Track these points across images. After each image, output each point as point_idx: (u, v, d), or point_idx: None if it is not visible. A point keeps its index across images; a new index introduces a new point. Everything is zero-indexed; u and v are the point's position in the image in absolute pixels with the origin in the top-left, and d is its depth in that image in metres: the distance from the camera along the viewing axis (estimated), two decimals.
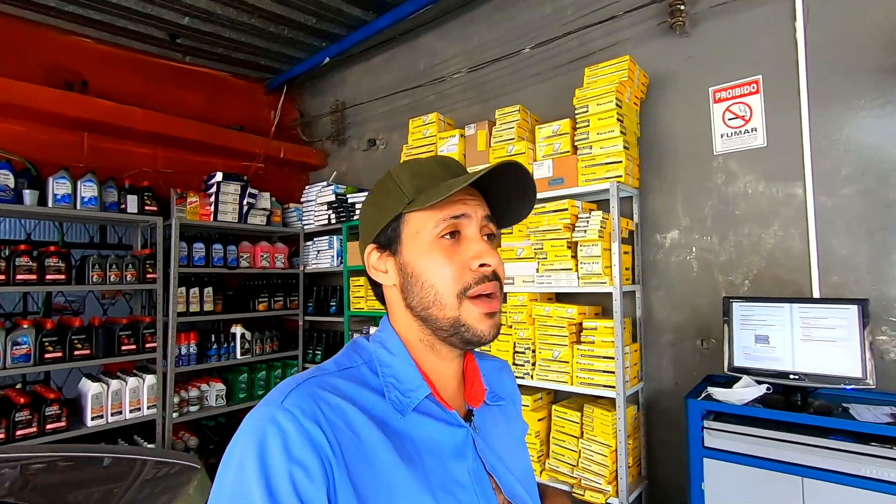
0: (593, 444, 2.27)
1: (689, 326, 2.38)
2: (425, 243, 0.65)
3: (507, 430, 0.77)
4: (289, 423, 0.55)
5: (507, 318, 2.58)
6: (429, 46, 3.46)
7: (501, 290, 0.68)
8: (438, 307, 0.64)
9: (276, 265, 3.74)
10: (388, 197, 0.69)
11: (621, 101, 2.23)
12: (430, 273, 0.65)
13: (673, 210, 2.42)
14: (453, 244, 0.66)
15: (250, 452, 0.53)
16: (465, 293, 0.64)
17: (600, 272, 2.23)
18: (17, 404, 2.52)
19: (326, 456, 0.55)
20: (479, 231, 0.67)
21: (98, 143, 3.23)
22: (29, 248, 2.62)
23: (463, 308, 0.64)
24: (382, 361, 0.67)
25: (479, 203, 0.69)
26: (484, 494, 0.64)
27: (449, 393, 0.70)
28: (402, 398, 0.64)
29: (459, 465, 0.64)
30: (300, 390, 0.59)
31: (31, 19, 2.99)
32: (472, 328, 0.64)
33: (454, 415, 0.67)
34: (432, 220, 0.66)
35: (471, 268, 0.65)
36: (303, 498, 0.52)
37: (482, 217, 0.68)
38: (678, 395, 2.39)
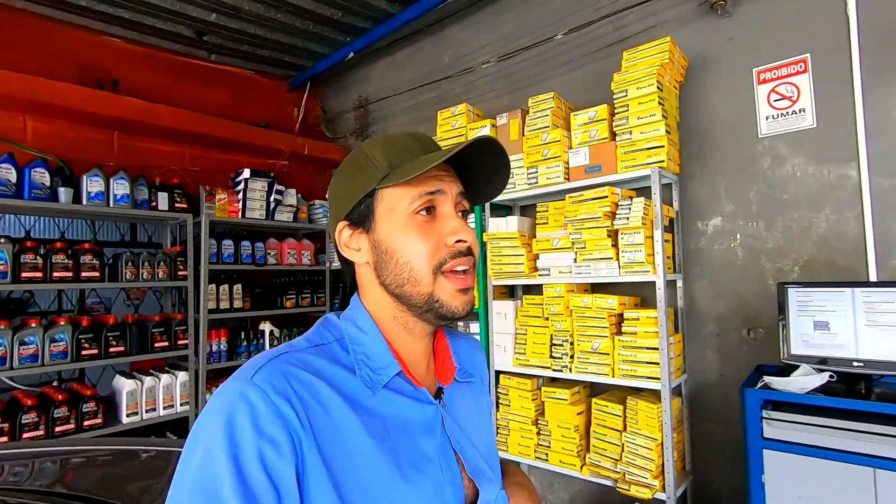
0: (638, 438, 2.21)
1: (735, 316, 2.30)
2: (400, 219, 0.65)
3: (476, 406, 0.78)
4: (259, 398, 0.54)
5: (544, 309, 2.53)
6: (455, 38, 3.42)
7: (475, 266, 0.69)
8: (413, 284, 0.64)
9: (303, 262, 3.73)
10: (361, 173, 0.68)
11: (662, 85, 2.17)
12: (406, 249, 0.64)
13: (715, 196, 2.35)
14: (428, 220, 0.65)
15: (219, 428, 0.53)
16: (441, 269, 0.64)
17: (643, 260, 2.17)
18: (55, 401, 2.53)
19: (296, 432, 0.54)
20: (454, 207, 0.67)
21: (127, 141, 3.26)
22: (65, 246, 2.64)
23: (437, 284, 0.64)
24: (353, 339, 0.67)
25: (454, 179, 0.69)
26: (450, 470, 0.66)
27: (419, 371, 0.71)
28: (373, 375, 0.64)
29: (428, 442, 0.65)
30: (271, 366, 0.58)
31: (63, 19, 3.02)
32: (446, 304, 0.65)
33: (424, 392, 0.67)
34: (408, 196, 0.65)
35: (446, 243, 0.65)
36: (271, 474, 0.52)
37: (457, 194, 0.68)
38: (724, 387, 2.32)
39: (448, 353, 0.77)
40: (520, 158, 2.60)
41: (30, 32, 2.97)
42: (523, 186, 2.60)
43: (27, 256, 2.50)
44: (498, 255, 2.68)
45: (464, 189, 0.71)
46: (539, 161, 2.51)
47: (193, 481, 0.51)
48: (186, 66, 3.66)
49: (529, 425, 2.60)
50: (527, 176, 2.57)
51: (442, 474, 0.64)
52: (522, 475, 0.84)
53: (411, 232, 0.64)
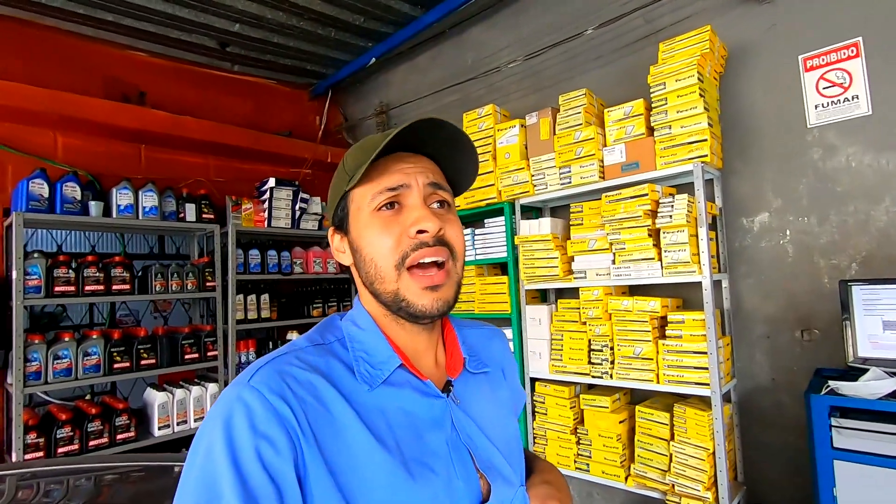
0: (687, 447, 2.09)
1: (786, 317, 2.18)
2: (365, 217, 0.65)
3: (492, 398, 0.75)
4: (254, 399, 0.55)
5: (581, 314, 2.44)
6: (477, 39, 3.37)
7: (454, 259, 0.66)
8: (380, 281, 0.63)
9: (329, 270, 3.70)
10: (338, 178, 0.69)
11: (703, 76, 2.08)
12: (370, 247, 0.64)
13: (761, 191, 2.24)
14: (392, 215, 0.64)
15: (217, 430, 0.53)
16: (403, 263, 0.62)
17: (688, 260, 2.07)
18: (89, 415, 2.53)
19: (293, 429, 0.54)
20: (421, 199, 0.64)
21: (154, 154, 3.27)
22: (96, 260, 2.64)
23: (401, 281, 0.62)
24: (352, 336, 0.67)
25: (423, 170, 0.66)
26: (462, 463, 0.63)
27: (425, 364, 0.69)
28: (373, 370, 0.63)
29: (437, 436, 0.63)
30: (268, 367, 0.59)
31: (90, 35, 3.06)
32: (413, 304, 0.62)
33: (430, 385, 0.65)
34: (370, 193, 0.64)
35: (409, 235, 0.63)
36: (270, 471, 0.52)
37: (424, 185, 0.65)
38: (776, 391, 2.19)
39: (456, 345, 0.74)
40: (551, 158, 2.52)
41: (58, 49, 3.01)
42: (556, 187, 2.52)
43: (60, 271, 2.51)
44: (530, 258, 2.60)
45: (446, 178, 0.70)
46: (572, 160, 2.43)
47: (196, 484, 0.52)
48: (210, 77, 3.68)
49: (568, 434, 2.50)
50: (559, 176, 2.49)
51: (454, 470, 0.62)
52: (553, 472, 0.79)
53: (374, 228, 0.64)
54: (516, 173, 2.65)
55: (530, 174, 2.61)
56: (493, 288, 2.78)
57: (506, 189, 2.70)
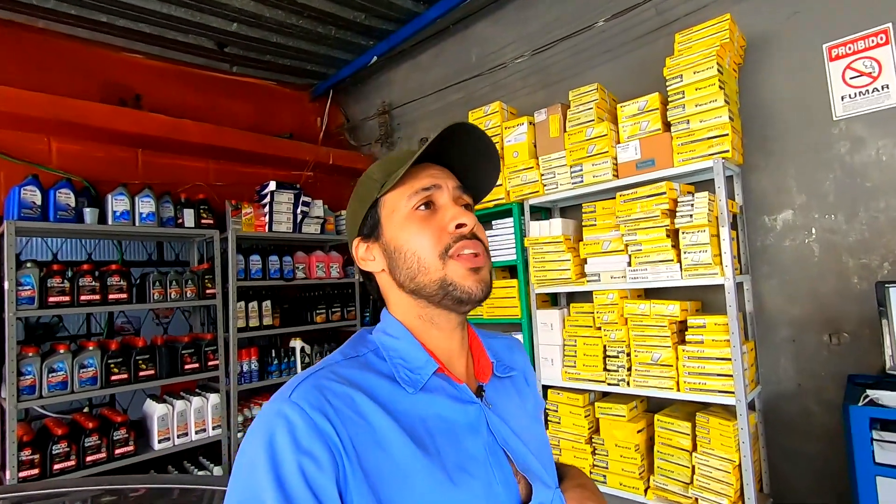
0: (711, 459, 1.99)
1: (812, 319, 2.07)
2: (402, 218, 0.67)
3: (520, 403, 0.77)
4: (296, 415, 0.55)
5: (595, 318, 2.33)
6: (481, 35, 3.27)
7: (487, 253, 0.69)
8: (424, 272, 0.65)
9: (332, 275, 3.61)
10: (364, 189, 0.72)
11: (722, 67, 1.97)
12: (411, 242, 0.66)
13: (784, 188, 2.13)
14: (429, 214, 0.67)
15: (260, 447, 0.54)
16: (447, 253, 0.65)
17: (709, 261, 1.96)
18: (86, 429, 2.44)
19: (335, 445, 0.55)
20: (452, 200, 0.69)
21: (152, 158, 3.19)
22: (91, 268, 2.56)
23: (448, 267, 0.65)
24: (387, 346, 0.68)
25: (449, 175, 0.71)
26: (500, 467, 0.64)
27: (458, 368, 0.71)
28: (412, 375, 0.64)
29: (475, 441, 0.64)
30: (307, 383, 0.60)
31: (84, 37, 2.98)
32: (460, 285, 0.65)
33: (465, 388, 0.67)
34: (405, 195, 0.68)
35: (448, 230, 0.66)
36: (313, 487, 0.52)
37: (453, 187, 0.70)
38: (802, 398, 2.09)
39: (482, 350, 0.77)
40: (562, 156, 2.42)
41: (53, 52, 2.93)
42: (566, 186, 2.41)
43: (54, 280, 2.42)
44: (541, 261, 2.49)
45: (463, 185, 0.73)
46: (584, 158, 2.33)
47: (240, 500, 0.52)
48: (209, 79, 3.60)
49: (583, 444, 2.40)
50: (570, 175, 2.39)
51: (493, 474, 0.63)
52: (583, 476, 0.80)
53: (413, 226, 0.67)
54: (525, 173, 2.55)
55: (540, 173, 2.51)
56: (503, 292, 2.68)
57: (514, 189, 2.60)
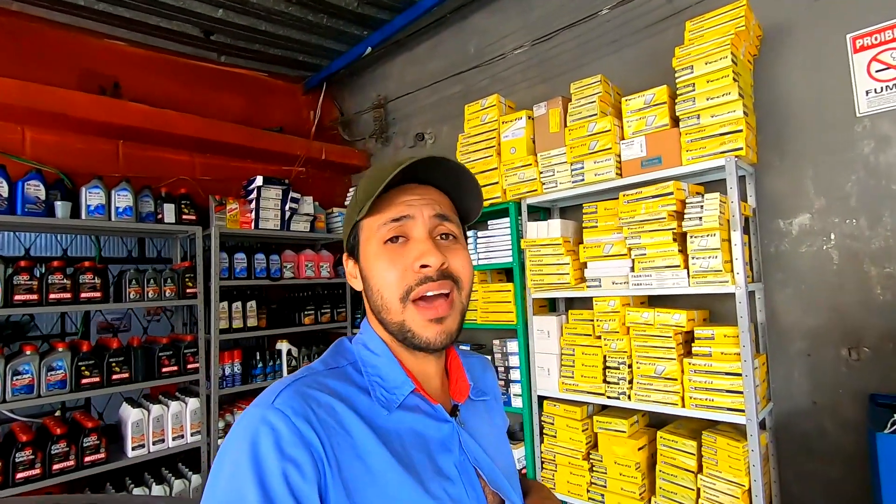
0: (718, 482, 1.84)
1: (830, 332, 1.91)
2: (373, 249, 0.66)
3: (490, 423, 0.78)
4: (280, 421, 0.55)
5: (595, 326, 2.18)
6: (480, 26, 3.12)
7: (459, 287, 0.67)
8: (386, 311, 0.65)
9: (322, 275, 3.46)
10: (351, 205, 0.71)
11: (737, 58, 1.82)
12: (377, 278, 0.65)
13: (800, 189, 1.97)
14: (398, 248, 0.65)
15: (243, 452, 0.53)
16: (409, 296, 0.64)
17: (719, 268, 1.81)
18: (53, 435, 2.30)
19: (318, 453, 0.55)
20: (426, 231, 0.66)
21: (134, 151, 3.05)
22: (62, 265, 2.42)
23: (407, 313, 0.64)
24: (366, 361, 0.68)
25: (429, 202, 0.67)
26: (471, 485, 0.65)
27: (433, 388, 0.71)
28: (388, 395, 0.64)
29: (446, 459, 0.65)
30: (290, 390, 0.59)
31: (61, 22, 2.83)
32: (417, 335, 0.64)
33: (440, 409, 0.67)
34: (377, 224, 0.66)
35: (413, 269, 0.64)
36: (297, 495, 0.52)
37: (430, 217, 0.66)
38: (817, 416, 1.93)
39: (461, 371, 0.76)
40: (562, 153, 2.27)
41: (26, 37, 2.78)
42: (566, 185, 2.26)
43: (21, 277, 2.28)
44: (538, 264, 2.34)
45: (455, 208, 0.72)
46: (585, 155, 2.18)
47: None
48: (196, 69, 3.45)
49: (580, 460, 2.25)
50: (570, 173, 2.24)
51: (464, 491, 0.64)
52: (545, 489, 0.83)
53: (381, 260, 0.65)
54: (523, 170, 2.40)
55: (538, 171, 2.36)
56: (498, 296, 2.53)
57: (511, 188, 2.45)
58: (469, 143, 2.63)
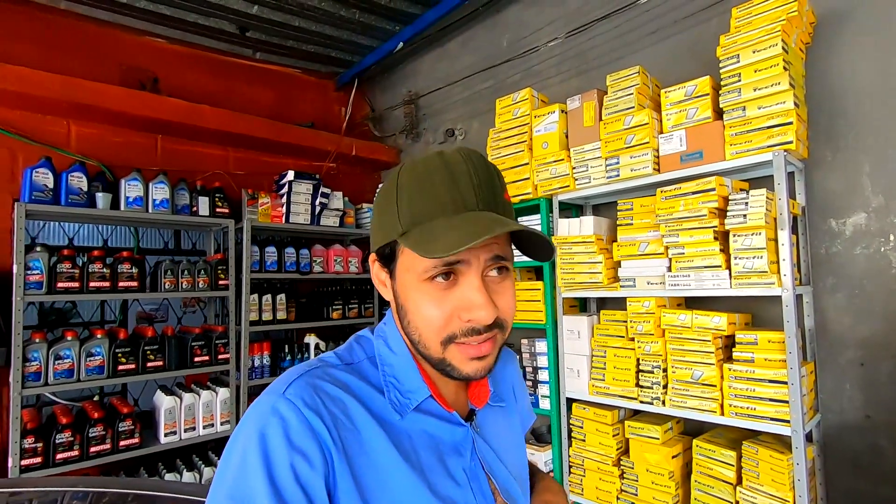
0: (759, 496, 1.73)
1: (887, 341, 1.78)
2: (415, 282, 0.60)
3: (508, 425, 0.77)
4: (290, 412, 0.55)
5: (629, 327, 2.10)
6: (514, 19, 3.06)
7: (503, 332, 0.62)
8: (423, 346, 0.61)
9: (350, 270, 3.48)
10: (387, 214, 0.62)
11: (787, 46, 1.70)
12: (417, 315, 0.61)
13: (856, 187, 1.84)
14: (447, 286, 0.59)
15: (252, 441, 0.53)
16: (451, 341, 0.59)
17: (764, 269, 1.70)
18: (91, 418, 2.38)
19: (327, 445, 0.55)
20: (479, 275, 0.59)
21: (171, 145, 3.13)
22: (102, 255, 2.50)
23: (447, 352, 0.60)
24: (384, 359, 0.66)
25: (488, 242, 0.59)
26: (481, 493, 0.64)
27: (450, 392, 0.69)
28: (402, 399, 0.63)
29: (455, 462, 0.64)
30: (302, 381, 0.59)
31: (104, 19, 2.92)
32: (458, 369, 0.61)
33: (455, 416, 0.66)
34: (424, 261, 0.58)
35: (460, 317, 0.59)
36: (304, 486, 0.52)
37: (486, 259, 0.59)
38: (871, 432, 1.80)
39: None
40: (596, 147, 2.19)
41: (73, 35, 2.89)
42: (600, 180, 2.19)
43: (64, 265, 2.37)
44: (569, 262, 2.27)
45: (511, 241, 0.64)
46: (621, 150, 2.10)
47: (229, 494, 0.52)
48: (231, 65, 3.52)
49: (610, 466, 2.17)
50: (605, 168, 2.16)
51: (472, 497, 0.63)
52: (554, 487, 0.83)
53: (424, 298, 0.60)
54: (555, 165, 2.34)
55: (571, 166, 2.29)
56: (526, 295, 2.47)
57: (542, 183, 2.39)
58: (500, 137, 2.58)
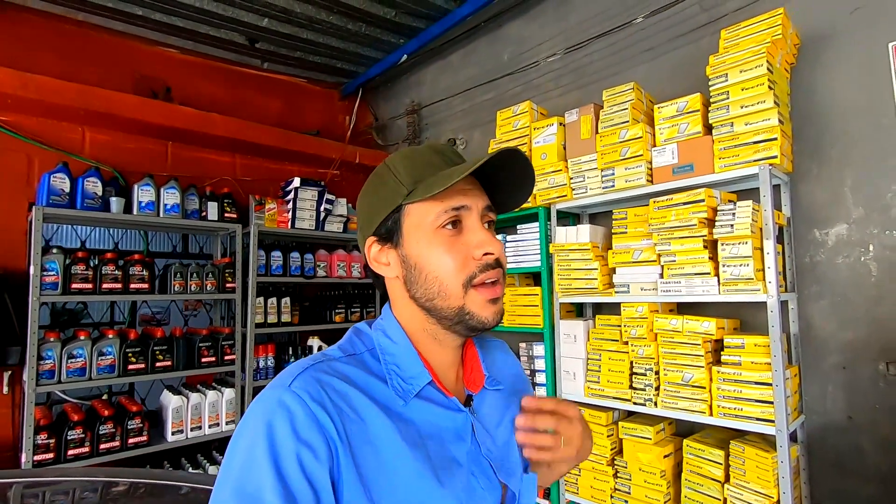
0: (745, 493, 1.82)
1: (867, 346, 1.87)
2: (427, 235, 0.65)
3: (507, 408, 0.77)
4: (296, 404, 0.56)
5: (622, 332, 2.19)
6: (514, 34, 3.17)
7: (504, 276, 0.69)
8: (443, 298, 0.65)
9: (353, 274, 3.56)
10: (386, 188, 0.68)
11: (772, 66, 1.81)
12: (434, 265, 0.65)
13: (838, 198, 1.94)
14: (455, 234, 0.66)
15: (259, 433, 0.55)
16: (471, 282, 0.64)
17: (751, 276, 1.80)
18: (101, 416, 2.45)
19: (332, 438, 0.56)
20: (479, 220, 0.67)
21: (181, 151, 3.22)
22: (115, 257, 2.58)
23: (468, 297, 0.64)
24: (384, 349, 0.68)
25: (479, 193, 0.69)
26: (484, 475, 0.67)
27: (449, 379, 0.71)
28: (405, 385, 0.65)
29: (459, 448, 0.66)
30: (307, 374, 0.60)
31: (119, 30, 3.03)
32: (477, 315, 0.65)
33: (454, 401, 0.68)
34: (433, 211, 0.65)
35: (474, 257, 0.65)
36: (310, 478, 0.54)
37: (482, 208, 0.68)
38: (853, 432, 1.89)
39: (477, 361, 0.77)
40: (593, 159, 2.29)
41: (89, 45, 2.99)
42: (597, 190, 2.28)
43: (78, 267, 2.45)
44: (566, 268, 2.37)
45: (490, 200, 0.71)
46: (616, 161, 2.20)
47: (235, 485, 0.53)
48: (240, 75, 3.63)
49: (604, 465, 2.25)
50: (601, 178, 2.26)
51: (475, 480, 0.66)
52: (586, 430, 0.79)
53: (439, 247, 0.65)
54: (553, 175, 2.44)
55: (568, 176, 2.39)
56: (525, 300, 2.56)
57: (541, 192, 2.49)
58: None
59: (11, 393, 2.54)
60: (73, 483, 1.74)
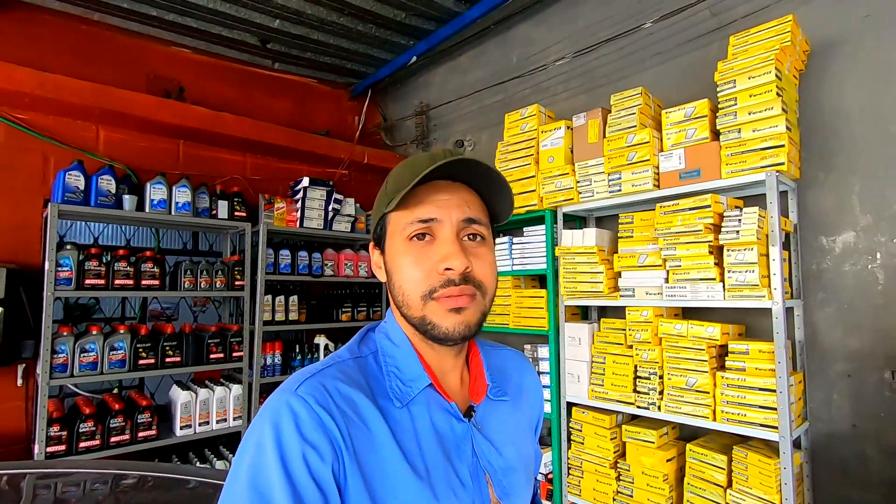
0: (748, 498, 1.82)
1: (873, 354, 1.87)
2: (399, 244, 0.66)
3: (512, 420, 0.75)
4: (301, 408, 0.57)
5: (628, 335, 2.20)
6: (523, 37, 3.19)
7: (482, 292, 0.66)
8: (407, 306, 0.65)
9: (360, 274, 3.59)
10: (379, 198, 0.71)
11: (781, 73, 1.81)
12: (399, 274, 0.66)
13: (846, 206, 1.94)
14: (424, 245, 0.65)
15: (267, 433, 0.56)
16: (431, 296, 0.64)
17: (756, 282, 1.80)
18: (112, 410, 2.50)
19: (336, 441, 0.57)
20: (453, 234, 0.65)
21: (192, 150, 3.27)
22: (127, 254, 2.63)
23: (427, 307, 0.64)
24: (385, 352, 0.68)
25: (459, 203, 0.66)
26: (478, 491, 0.65)
27: (451, 385, 0.71)
28: (403, 387, 0.65)
29: (459, 460, 0.65)
30: (314, 380, 0.61)
31: (134, 31, 3.08)
32: (438, 325, 0.64)
33: (454, 406, 0.67)
34: (404, 221, 0.66)
35: (437, 270, 0.64)
36: (316, 477, 0.55)
37: (458, 220, 0.65)
38: (858, 440, 1.88)
39: (481, 370, 0.74)
40: (600, 163, 2.30)
41: (104, 45, 3.04)
42: (603, 194, 2.29)
43: (91, 263, 2.50)
44: (572, 272, 2.38)
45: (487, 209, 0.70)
46: (623, 166, 2.20)
47: (246, 483, 0.54)
48: (252, 75, 3.67)
49: (607, 468, 2.26)
50: (608, 183, 2.27)
51: (472, 496, 0.64)
52: None
53: (406, 257, 0.65)
54: (560, 179, 2.45)
55: (575, 180, 2.40)
56: (530, 302, 2.58)
57: (548, 196, 2.50)
58: (508, 150, 2.69)
59: (25, 386, 2.59)
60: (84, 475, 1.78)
